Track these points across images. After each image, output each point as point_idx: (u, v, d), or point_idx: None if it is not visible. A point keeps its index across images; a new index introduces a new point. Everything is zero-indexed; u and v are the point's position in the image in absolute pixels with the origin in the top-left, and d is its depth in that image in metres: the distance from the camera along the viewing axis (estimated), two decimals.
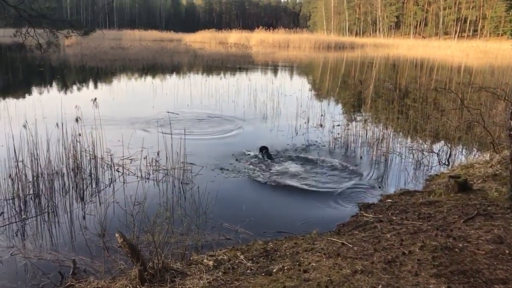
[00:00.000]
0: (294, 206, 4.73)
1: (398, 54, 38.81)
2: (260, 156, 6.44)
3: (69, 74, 18.71)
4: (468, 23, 68.49)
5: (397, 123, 8.79)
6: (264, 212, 4.59)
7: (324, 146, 7.28)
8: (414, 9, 75.76)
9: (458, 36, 66.39)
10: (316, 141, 7.52)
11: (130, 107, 10.60)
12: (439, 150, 6.98)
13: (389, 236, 3.48)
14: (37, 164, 5.11)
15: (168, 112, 9.45)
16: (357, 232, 3.81)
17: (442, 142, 7.41)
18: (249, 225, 4.21)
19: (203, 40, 56.05)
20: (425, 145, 7.23)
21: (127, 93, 13.38)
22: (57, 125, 5.71)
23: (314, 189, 5.23)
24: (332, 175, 5.77)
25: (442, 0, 69.63)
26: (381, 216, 4.16)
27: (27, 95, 12.39)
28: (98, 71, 20.00)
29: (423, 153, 6.84)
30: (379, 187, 5.33)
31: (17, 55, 27.49)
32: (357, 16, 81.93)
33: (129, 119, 8.72)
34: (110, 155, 6.18)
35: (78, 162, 5.52)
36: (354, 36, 70.59)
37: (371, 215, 4.23)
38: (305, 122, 9.02)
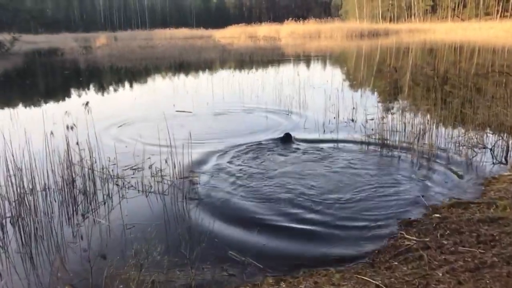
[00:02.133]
0: (316, 227, 3.85)
1: (436, 39, 36.75)
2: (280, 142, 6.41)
3: (91, 76, 18.40)
4: (511, 1, 64.43)
5: (440, 114, 7.67)
6: (279, 236, 3.73)
7: (355, 144, 6.35)
8: None
9: (500, 16, 62.60)
10: (346, 139, 6.58)
11: (146, 107, 9.95)
12: (493, 146, 5.89)
13: (440, 274, 2.59)
14: (26, 177, 4.50)
15: (177, 111, 8.75)
16: (396, 263, 2.94)
17: (496, 135, 6.31)
18: (260, 253, 3.39)
19: (233, 35, 55.51)
20: (475, 139, 6.15)
21: (146, 92, 12.83)
22: (52, 133, 5.06)
23: (342, 202, 4.33)
24: (364, 181, 4.86)
25: None
26: (427, 239, 3.24)
27: (40, 100, 12.03)
28: (123, 72, 19.62)
29: (473, 150, 5.79)
30: (422, 196, 4.36)
31: (48, 60, 27.77)
32: (390, 2, 78.80)
33: (144, 118, 8.08)
34: (113, 164, 5.52)
35: (71, 175, 4.87)
36: (388, 23, 68.01)
37: (414, 238, 3.32)
38: (334, 117, 8.09)
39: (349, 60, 22.69)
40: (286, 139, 6.63)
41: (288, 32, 47.53)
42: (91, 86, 15.08)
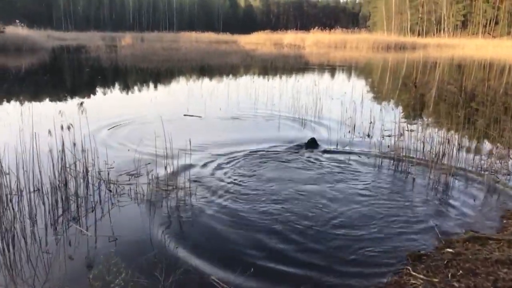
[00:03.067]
0: (314, 255, 3.49)
1: (465, 55, 35.83)
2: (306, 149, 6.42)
3: (110, 75, 18.40)
4: None
5: (462, 134, 7.19)
6: (270, 266, 3.38)
7: (368, 161, 5.96)
8: (484, 7, 70.40)
9: None
10: (360, 156, 6.19)
11: (157, 109, 9.72)
12: None
13: None
14: (17, 178, 4.29)
15: (185, 115, 8.51)
16: None
17: None
18: (249, 282, 3.05)
19: (258, 41, 55.55)
20: (499, 164, 5.70)
21: (161, 94, 12.65)
22: (49, 132, 4.84)
23: (346, 226, 3.96)
24: (373, 204, 4.47)
25: None
26: (436, 279, 2.86)
27: (50, 96, 11.97)
28: (141, 72, 19.57)
29: (496, 176, 5.33)
30: (436, 225, 3.96)
31: (73, 56, 28.10)
32: (420, 15, 77.57)
33: (152, 121, 7.84)
34: (110, 168, 5.28)
35: (63, 178, 4.63)
36: (416, 36, 66.98)
37: (421, 276, 2.94)
38: (349, 131, 7.71)
39: (373, 72, 22.18)
40: (311, 144, 6.67)
41: (313, 41, 47.21)
42: (107, 84, 15.03)
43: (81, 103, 4.51)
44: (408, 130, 7.34)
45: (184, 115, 8.72)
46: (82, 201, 4.41)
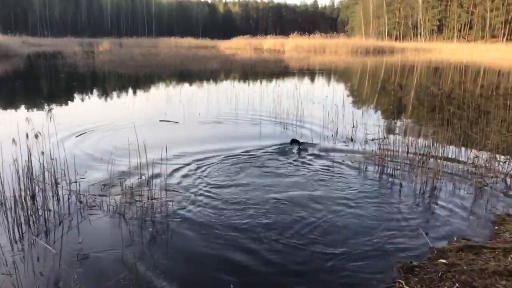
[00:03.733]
0: (299, 269, 3.25)
1: (441, 59, 36.33)
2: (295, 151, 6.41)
3: (85, 81, 17.90)
4: None
5: (445, 136, 7.06)
6: (254, 278, 3.14)
7: (352, 166, 5.77)
8: (458, 12, 71.94)
9: (506, 39, 62.36)
10: (343, 161, 6.00)
11: (133, 115, 9.38)
12: (506, 175, 5.32)
13: None
14: None
15: (161, 120, 8.22)
16: None
17: (508, 163, 5.73)
18: None
19: (238, 46, 55.46)
20: (485, 167, 5.56)
21: (137, 99, 12.30)
22: (13, 141, 4.49)
23: (330, 235, 3.74)
24: (359, 212, 4.27)
25: (489, 1, 65.66)
26: None
27: (19, 103, 11.49)
28: (118, 78, 19.13)
29: (483, 179, 5.20)
30: (426, 234, 3.76)
31: (48, 63, 27.40)
32: (397, 20, 78.82)
33: (126, 127, 7.50)
34: (81, 179, 4.96)
35: (28, 191, 4.29)
36: (393, 41, 67.88)
37: None
38: (332, 135, 7.53)
39: (353, 76, 22.20)
40: (295, 142, 6.83)
41: (293, 46, 47.32)
42: (82, 91, 14.57)
43: (50, 110, 4.23)
44: (391, 133, 7.21)
45: (160, 120, 8.42)
46: (50, 215, 4.09)
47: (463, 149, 6.40)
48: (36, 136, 4.48)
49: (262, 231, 3.80)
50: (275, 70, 23.24)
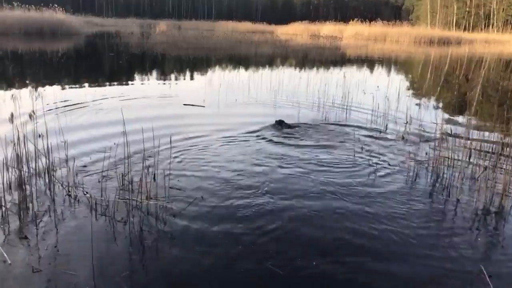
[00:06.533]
0: None
1: None
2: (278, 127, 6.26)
3: (131, 60, 17.71)
4: None
5: None
6: None
7: (399, 172, 4.79)
8: None
9: None
10: (389, 164, 5.03)
11: (158, 99, 8.79)
12: None
13: None
14: None
15: (185, 104, 7.55)
16: None
17: None
18: None
19: (295, 32, 54.25)
20: None
21: (176, 83, 11.76)
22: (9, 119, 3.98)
23: (369, 261, 2.89)
24: (402, 231, 3.36)
25: None
26: None
27: (52, 81, 11.27)
28: (164, 59, 18.80)
29: None
30: (489, 276, 2.81)
31: (105, 42, 27.81)
32: (467, 9, 73.58)
33: (146, 108, 6.93)
34: (83, 166, 4.40)
35: (16, 180, 3.76)
36: (462, 31, 63.51)
37: None
38: (380, 132, 6.53)
39: (413, 67, 20.57)
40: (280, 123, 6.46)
41: (352, 33, 45.43)
42: (124, 70, 14.31)
43: (35, 88, 3.60)
44: (451, 135, 6.09)
45: (184, 104, 7.75)
46: (26, 212, 3.51)
47: None
48: (30, 116, 3.96)
49: (275, 243, 3.01)
50: (329, 57, 22.05)
